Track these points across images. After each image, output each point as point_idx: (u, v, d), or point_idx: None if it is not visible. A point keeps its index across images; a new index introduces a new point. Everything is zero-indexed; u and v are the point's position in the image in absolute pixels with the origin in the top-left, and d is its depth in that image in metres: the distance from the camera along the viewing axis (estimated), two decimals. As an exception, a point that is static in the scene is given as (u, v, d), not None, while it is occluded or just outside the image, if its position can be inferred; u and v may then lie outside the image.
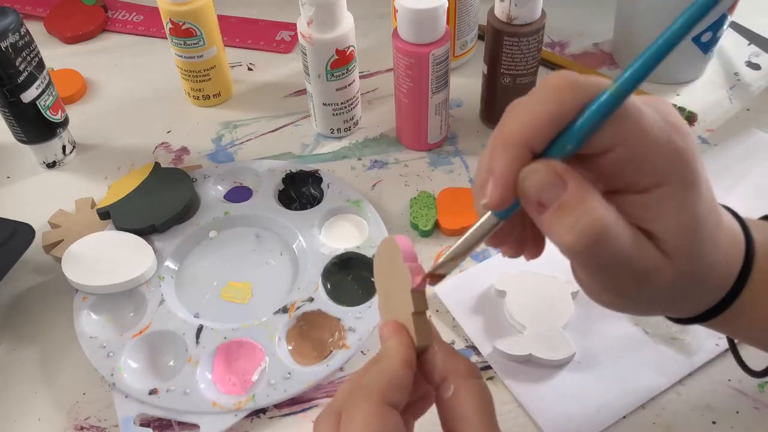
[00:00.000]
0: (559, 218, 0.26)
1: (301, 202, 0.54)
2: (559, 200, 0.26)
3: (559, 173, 0.26)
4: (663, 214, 0.27)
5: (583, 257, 0.27)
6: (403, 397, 0.30)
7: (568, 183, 0.26)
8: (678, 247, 0.28)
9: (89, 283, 0.46)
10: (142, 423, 0.42)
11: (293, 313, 0.46)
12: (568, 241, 0.26)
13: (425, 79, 0.52)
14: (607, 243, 0.26)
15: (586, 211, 0.26)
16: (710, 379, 0.42)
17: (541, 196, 0.27)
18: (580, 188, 0.26)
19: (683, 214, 0.27)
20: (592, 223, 0.26)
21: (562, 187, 0.26)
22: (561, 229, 0.26)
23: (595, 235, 0.26)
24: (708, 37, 0.58)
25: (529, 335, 0.43)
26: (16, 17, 0.51)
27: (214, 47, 0.60)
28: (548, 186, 0.26)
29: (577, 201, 0.26)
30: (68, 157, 0.59)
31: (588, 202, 0.26)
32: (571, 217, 0.26)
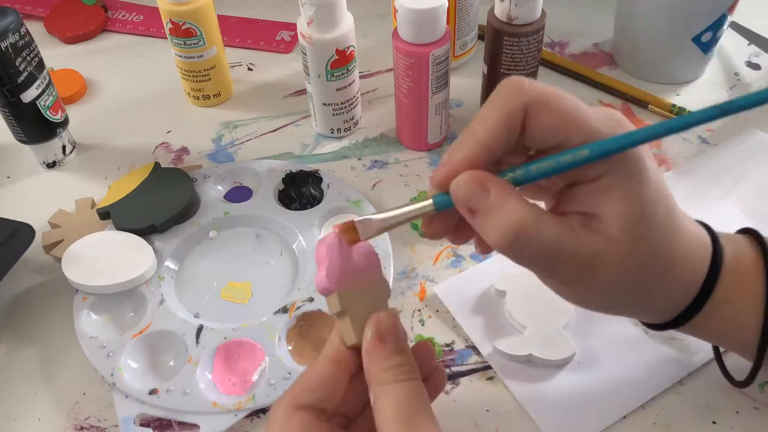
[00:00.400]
0: (485, 221, 0.30)
1: (301, 202, 0.54)
2: (483, 206, 0.30)
3: (482, 182, 0.30)
4: (608, 198, 0.30)
5: (513, 253, 0.31)
6: (321, 396, 0.31)
7: (491, 190, 0.30)
8: (623, 229, 0.30)
9: (89, 283, 0.46)
10: (142, 423, 0.42)
11: (293, 313, 0.46)
12: (494, 241, 0.30)
13: (425, 79, 0.52)
14: (529, 237, 0.30)
15: (507, 212, 0.29)
16: (710, 379, 0.42)
17: (469, 203, 0.30)
18: (501, 194, 0.30)
19: (627, 198, 0.30)
20: (512, 222, 0.29)
21: (486, 194, 0.30)
22: (488, 230, 0.30)
23: (515, 233, 0.29)
24: (708, 37, 0.58)
25: (529, 335, 0.43)
26: (16, 17, 0.51)
27: (214, 47, 0.60)
28: (473, 194, 0.30)
29: (498, 205, 0.30)
30: (68, 157, 0.59)
31: (508, 205, 0.30)
32: (495, 219, 0.30)
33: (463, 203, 0.30)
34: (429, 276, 0.49)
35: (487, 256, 0.49)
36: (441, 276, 0.48)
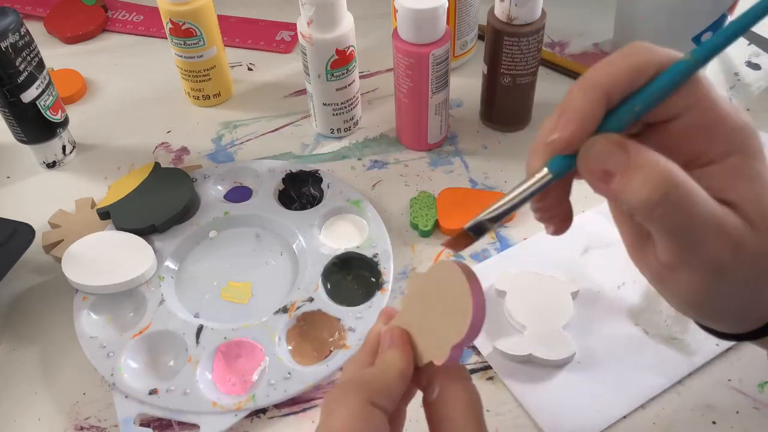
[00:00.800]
0: (629, 180, 0.27)
1: (301, 202, 0.54)
2: (623, 165, 0.27)
3: (618, 142, 0.27)
4: (739, 182, 0.27)
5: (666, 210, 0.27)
6: (389, 405, 0.30)
7: (630, 148, 0.27)
8: (758, 214, 0.27)
9: (89, 283, 0.46)
10: (142, 423, 0.42)
11: (293, 313, 0.46)
12: (644, 196, 0.26)
13: (425, 79, 0.52)
14: (684, 193, 0.26)
15: (655, 164, 0.26)
16: (710, 379, 0.42)
17: (606, 165, 0.27)
18: (641, 150, 0.27)
19: (757, 181, 0.28)
20: (664, 172, 0.26)
21: (624, 152, 0.27)
22: (634, 188, 0.26)
23: (670, 183, 0.26)
24: (708, 37, 0.58)
25: (529, 335, 0.43)
26: (16, 17, 0.51)
27: (214, 47, 0.60)
28: (611, 154, 0.27)
29: (643, 160, 0.26)
30: (68, 157, 0.59)
31: (654, 158, 0.26)
32: (641, 173, 0.26)
33: (599, 165, 0.27)
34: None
35: (487, 256, 0.49)
36: (441, 276, 0.48)
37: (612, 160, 0.27)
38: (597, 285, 0.46)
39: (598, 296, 0.46)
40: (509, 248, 0.50)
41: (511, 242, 0.50)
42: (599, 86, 0.27)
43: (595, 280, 0.47)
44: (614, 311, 0.45)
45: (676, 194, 0.26)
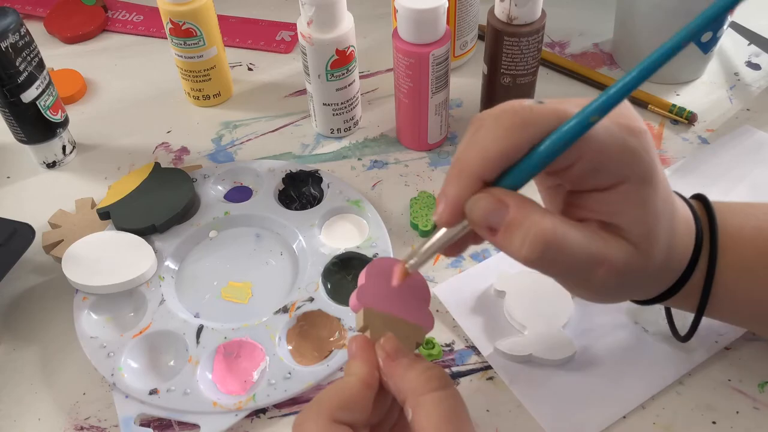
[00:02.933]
0: (509, 237, 0.29)
1: (301, 202, 0.54)
2: (504, 222, 0.29)
3: (500, 198, 0.29)
4: (625, 208, 0.31)
5: (544, 264, 0.30)
6: (357, 416, 0.30)
7: (509, 205, 0.29)
8: (642, 235, 0.31)
9: (89, 283, 0.46)
10: (142, 423, 0.42)
11: (293, 312, 0.46)
12: (523, 255, 0.29)
13: (425, 79, 0.52)
14: (558, 247, 0.29)
15: (532, 224, 0.29)
16: (710, 379, 0.42)
17: (488, 222, 0.30)
18: (521, 207, 0.29)
19: (644, 206, 0.31)
20: (539, 233, 0.29)
21: (505, 209, 0.29)
22: (514, 246, 0.29)
23: (545, 242, 0.29)
24: (708, 37, 0.58)
25: (529, 335, 0.44)
26: (16, 17, 0.51)
27: (214, 47, 0.60)
28: (492, 211, 0.29)
29: (521, 218, 0.29)
30: (68, 157, 0.59)
31: (531, 217, 0.29)
32: (519, 233, 0.29)
33: (483, 223, 0.30)
34: (429, 276, 0.49)
35: (487, 256, 0.49)
36: (441, 276, 0.48)
37: (494, 217, 0.29)
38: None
39: (598, 296, 0.46)
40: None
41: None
42: (471, 174, 0.29)
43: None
44: (613, 310, 0.45)
45: (552, 250, 0.29)
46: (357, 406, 0.30)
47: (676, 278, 0.35)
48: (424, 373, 0.30)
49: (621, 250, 0.31)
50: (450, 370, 0.43)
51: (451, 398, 0.30)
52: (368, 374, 0.31)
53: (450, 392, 0.30)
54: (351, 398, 0.30)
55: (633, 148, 0.30)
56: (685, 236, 0.35)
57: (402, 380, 0.31)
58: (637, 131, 0.30)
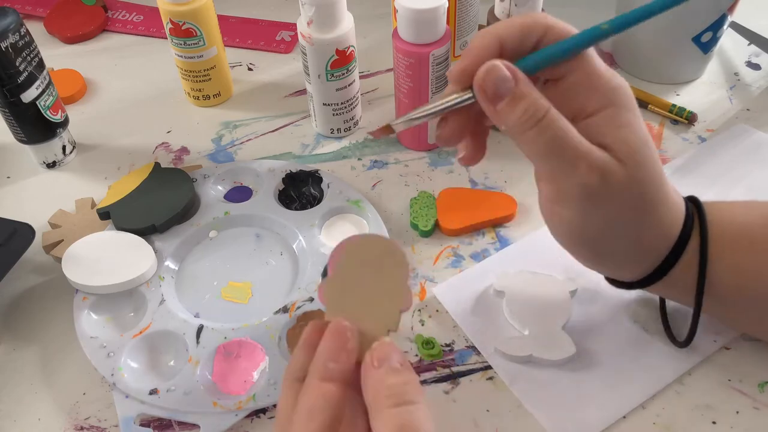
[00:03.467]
0: (513, 107, 0.33)
1: (301, 202, 0.54)
2: (512, 92, 0.33)
3: (511, 70, 0.33)
4: (612, 128, 0.33)
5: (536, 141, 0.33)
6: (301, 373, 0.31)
7: (520, 79, 0.33)
8: (628, 152, 0.33)
9: (89, 283, 0.46)
10: (142, 423, 0.42)
11: (293, 312, 0.46)
12: (522, 121, 0.33)
13: (425, 79, 0.52)
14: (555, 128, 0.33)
15: (536, 100, 0.33)
16: (710, 379, 0.42)
17: (497, 88, 0.33)
18: (527, 83, 0.33)
19: (629, 128, 0.34)
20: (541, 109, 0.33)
21: (514, 80, 0.33)
22: (515, 115, 0.33)
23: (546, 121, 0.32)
24: (708, 37, 0.58)
25: (528, 335, 0.44)
26: (16, 17, 0.51)
27: (214, 47, 0.60)
28: (503, 79, 0.33)
29: (527, 92, 0.33)
30: (68, 157, 0.59)
31: (537, 95, 0.33)
32: (523, 104, 0.33)
33: (492, 88, 0.33)
34: (429, 276, 0.49)
35: (486, 256, 0.49)
36: (441, 276, 0.48)
37: (503, 85, 0.33)
38: (595, 283, 0.46)
39: (596, 294, 0.46)
40: (507, 247, 0.50)
41: (509, 241, 0.50)
42: (494, 34, 0.34)
43: (592, 278, 0.47)
44: (613, 309, 0.45)
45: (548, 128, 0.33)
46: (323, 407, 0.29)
47: (667, 252, 0.36)
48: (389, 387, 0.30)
49: (605, 156, 0.33)
50: (450, 370, 0.43)
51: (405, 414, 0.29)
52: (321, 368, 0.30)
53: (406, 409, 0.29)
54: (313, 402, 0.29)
55: (619, 82, 0.34)
56: (675, 207, 0.36)
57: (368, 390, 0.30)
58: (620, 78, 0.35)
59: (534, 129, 0.33)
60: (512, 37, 0.34)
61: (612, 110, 0.34)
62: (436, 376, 0.43)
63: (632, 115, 0.34)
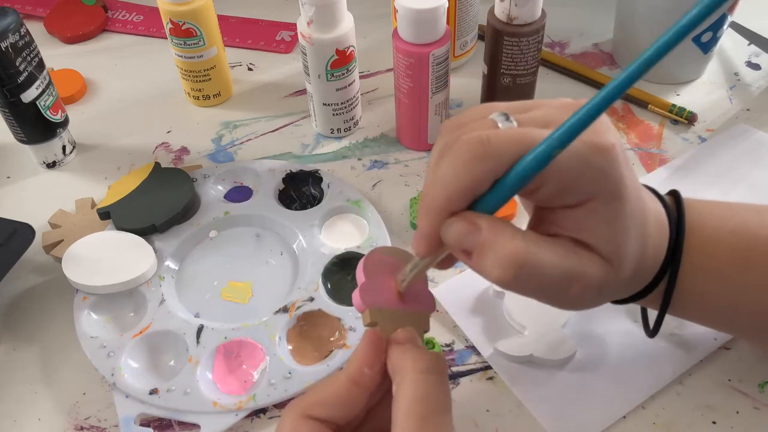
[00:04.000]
0: (483, 260, 0.29)
1: (302, 202, 0.54)
2: (477, 244, 0.29)
3: (472, 221, 0.29)
4: (594, 225, 0.30)
5: (518, 286, 0.30)
6: (335, 413, 0.30)
7: (482, 227, 0.29)
8: (612, 252, 0.31)
9: (89, 283, 0.46)
10: (142, 423, 0.42)
11: (293, 312, 0.46)
12: (497, 277, 0.29)
13: (425, 79, 0.52)
14: (531, 267, 0.29)
15: (503, 245, 0.29)
16: (710, 379, 0.42)
17: (462, 245, 0.29)
18: (493, 229, 0.29)
19: (613, 222, 0.31)
20: (511, 254, 0.29)
21: (477, 232, 0.29)
22: (487, 268, 0.29)
23: (517, 265, 0.29)
24: (708, 37, 0.58)
25: (529, 336, 0.44)
26: (16, 17, 0.51)
27: (214, 47, 0.60)
28: (465, 235, 0.29)
29: (493, 240, 0.29)
30: (68, 157, 0.59)
31: (503, 238, 0.29)
32: (491, 255, 0.29)
33: (458, 246, 0.30)
34: (429, 276, 0.48)
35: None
36: (441, 276, 0.48)
37: (467, 240, 0.29)
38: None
39: (598, 296, 0.46)
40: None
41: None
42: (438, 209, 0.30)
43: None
44: (612, 308, 0.45)
45: (525, 271, 0.29)
46: (337, 401, 0.30)
47: (649, 281, 0.35)
48: (417, 356, 0.30)
49: (595, 266, 0.31)
50: (450, 370, 0.43)
51: (432, 383, 0.29)
52: (356, 371, 0.31)
53: (434, 378, 0.30)
54: (331, 394, 0.30)
55: (598, 165, 0.29)
56: (658, 239, 0.34)
57: (396, 359, 0.31)
58: (603, 147, 0.29)
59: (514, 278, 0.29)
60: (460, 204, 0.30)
61: (595, 203, 0.30)
62: (436, 376, 0.43)
63: (617, 204, 0.30)
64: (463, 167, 0.29)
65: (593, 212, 0.30)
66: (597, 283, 0.31)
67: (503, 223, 0.30)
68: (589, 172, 0.29)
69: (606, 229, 0.30)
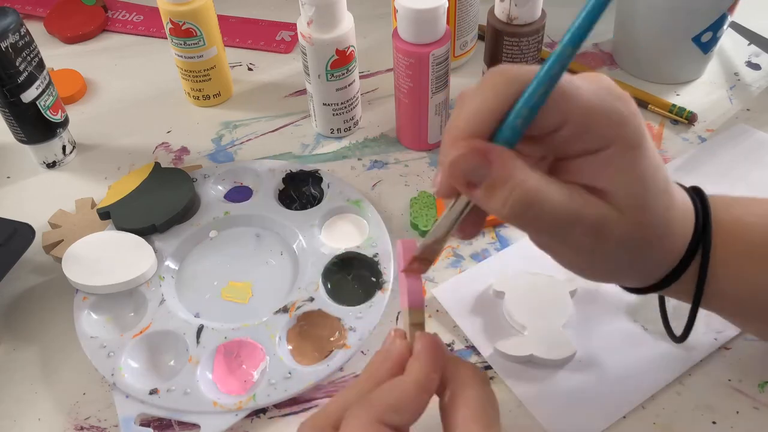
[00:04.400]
0: (491, 194, 0.29)
1: (302, 202, 0.54)
2: (487, 179, 0.28)
3: (483, 152, 0.28)
4: (611, 171, 0.30)
5: (525, 225, 0.30)
6: (407, 419, 0.29)
7: (493, 161, 0.28)
8: (628, 200, 0.30)
9: (89, 283, 0.46)
10: (142, 423, 0.42)
11: (293, 312, 0.46)
12: (505, 212, 0.29)
13: (425, 79, 0.52)
14: (542, 207, 0.29)
15: (516, 184, 0.28)
16: (710, 379, 0.42)
17: (469, 177, 0.29)
18: (505, 164, 0.28)
19: (630, 170, 0.30)
20: (522, 193, 0.28)
21: (487, 166, 0.28)
22: (495, 204, 0.29)
23: (528, 203, 0.29)
24: (708, 37, 0.58)
25: (529, 336, 0.44)
26: (16, 17, 0.51)
27: (214, 47, 0.60)
28: (474, 167, 0.28)
29: (505, 176, 0.28)
30: (68, 157, 0.59)
31: (515, 175, 0.28)
32: (502, 192, 0.28)
33: (463, 178, 0.29)
34: (429, 276, 0.49)
35: (486, 257, 0.49)
36: (441, 276, 0.48)
37: (475, 173, 0.29)
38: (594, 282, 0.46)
39: (596, 294, 0.46)
40: (507, 248, 0.50)
41: (509, 242, 0.50)
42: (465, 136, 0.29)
43: (595, 279, 0.47)
44: (612, 308, 0.45)
45: (533, 210, 0.29)
46: (409, 408, 0.29)
47: (675, 263, 0.34)
48: (472, 367, 0.31)
49: (599, 210, 0.30)
50: (450, 370, 0.43)
51: (490, 395, 0.30)
52: (426, 378, 0.30)
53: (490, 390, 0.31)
54: (404, 400, 0.29)
55: (620, 111, 0.29)
56: (684, 219, 0.34)
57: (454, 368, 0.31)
58: (625, 98, 0.30)
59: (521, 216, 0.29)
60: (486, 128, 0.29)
61: (612, 151, 0.29)
62: (436, 376, 0.43)
63: (635, 152, 0.30)
64: (491, 90, 0.28)
65: (610, 159, 0.30)
66: (598, 227, 0.30)
67: (514, 157, 0.29)
68: (611, 114, 0.29)
69: (622, 176, 0.30)
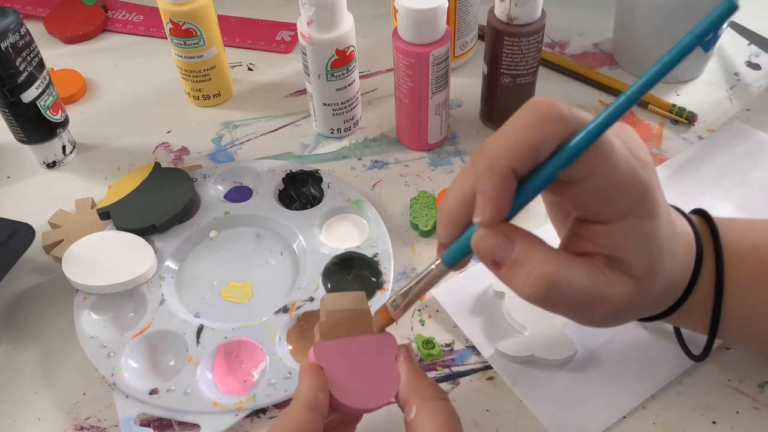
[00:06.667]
0: (513, 274, 0.30)
1: (302, 202, 0.54)
2: (510, 258, 0.30)
3: (507, 234, 0.30)
4: (630, 242, 0.31)
5: (546, 304, 0.31)
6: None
7: (516, 242, 0.30)
8: (644, 270, 0.31)
9: (89, 283, 0.46)
10: (142, 423, 0.42)
11: (294, 312, 0.46)
12: (525, 294, 0.30)
13: (425, 79, 0.52)
14: (561, 288, 0.30)
15: (535, 265, 0.30)
16: (710, 379, 0.42)
17: (494, 257, 0.30)
18: (527, 246, 0.30)
19: (647, 241, 0.31)
20: (542, 275, 0.29)
21: (511, 246, 0.30)
22: (517, 283, 0.30)
23: (548, 285, 0.30)
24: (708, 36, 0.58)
25: (529, 336, 0.43)
26: (16, 17, 0.51)
27: (214, 47, 0.60)
28: (499, 247, 0.30)
29: (526, 258, 0.30)
30: (68, 157, 0.59)
31: (536, 257, 0.30)
32: (522, 272, 0.30)
33: (488, 257, 0.30)
34: (429, 276, 0.49)
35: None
36: (441, 276, 0.48)
37: (500, 253, 0.30)
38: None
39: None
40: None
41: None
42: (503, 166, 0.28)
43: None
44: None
45: (555, 291, 0.30)
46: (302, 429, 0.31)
47: (676, 299, 0.35)
48: (431, 383, 0.34)
49: (623, 288, 0.31)
50: (450, 370, 0.43)
51: (451, 408, 0.32)
52: (311, 397, 0.32)
53: (450, 404, 0.33)
54: (295, 424, 0.31)
55: (643, 181, 0.30)
56: (685, 257, 0.34)
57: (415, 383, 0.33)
58: (647, 164, 0.30)
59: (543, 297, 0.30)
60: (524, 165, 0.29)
61: (632, 220, 0.30)
62: (436, 376, 0.43)
63: (653, 222, 0.31)
64: (537, 121, 0.28)
65: (630, 229, 0.30)
66: (624, 304, 0.31)
67: (537, 241, 0.30)
68: (634, 183, 0.30)
69: (642, 246, 0.31)
